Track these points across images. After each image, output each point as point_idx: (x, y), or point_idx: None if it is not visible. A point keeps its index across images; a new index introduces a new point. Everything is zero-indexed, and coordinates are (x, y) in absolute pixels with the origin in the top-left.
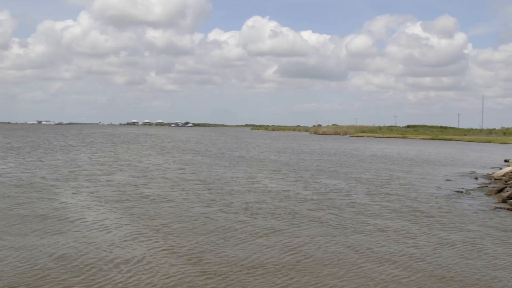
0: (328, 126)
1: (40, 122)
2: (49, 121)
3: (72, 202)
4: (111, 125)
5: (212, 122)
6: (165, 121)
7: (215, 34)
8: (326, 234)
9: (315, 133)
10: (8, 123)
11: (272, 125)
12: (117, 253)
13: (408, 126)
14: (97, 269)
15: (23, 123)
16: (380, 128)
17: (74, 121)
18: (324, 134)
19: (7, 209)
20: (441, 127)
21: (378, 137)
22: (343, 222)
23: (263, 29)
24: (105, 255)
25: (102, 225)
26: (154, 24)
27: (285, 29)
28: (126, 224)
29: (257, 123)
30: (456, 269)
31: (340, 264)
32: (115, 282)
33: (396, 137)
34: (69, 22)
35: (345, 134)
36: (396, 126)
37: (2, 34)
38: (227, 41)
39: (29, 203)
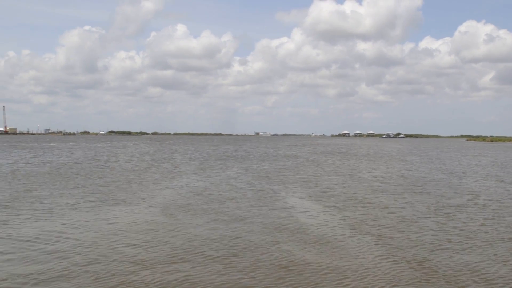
0: None
1: (257, 133)
2: (265, 132)
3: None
4: (323, 136)
5: (425, 133)
6: (376, 132)
7: (426, 42)
8: None
9: None
10: (230, 134)
11: (491, 136)
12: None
13: None
14: (336, 273)
15: (242, 135)
16: None
17: (288, 133)
18: None
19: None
20: None
21: None
22: None
23: (478, 33)
24: (336, 263)
25: (327, 231)
26: (364, 36)
27: (502, 32)
28: (351, 232)
29: (473, 134)
30: None
31: None
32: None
33: None
34: (284, 39)
35: None
36: None
37: (226, 54)
38: (438, 48)
39: (258, 207)
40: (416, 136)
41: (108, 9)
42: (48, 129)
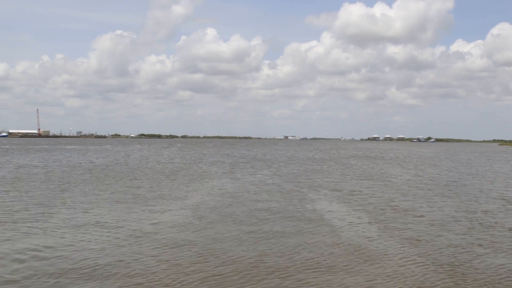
0: None
1: (286, 137)
2: (294, 136)
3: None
4: (352, 140)
5: (456, 137)
6: (406, 136)
7: (458, 46)
8: None
9: None
10: (259, 138)
11: None
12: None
13: None
14: (363, 275)
15: (271, 138)
16: None
17: (317, 136)
18: None
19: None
20: None
21: None
22: None
23: (510, 36)
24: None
25: (358, 235)
26: (394, 40)
27: None
28: (381, 233)
29: (506, 138)
30: None
31: None
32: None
33: None
34: (313, 42)
35: None
36: None
37: (255, 58)
38: (470, 51)
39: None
40: (447, 140)
41: (140, 13)
42: (80, 132)
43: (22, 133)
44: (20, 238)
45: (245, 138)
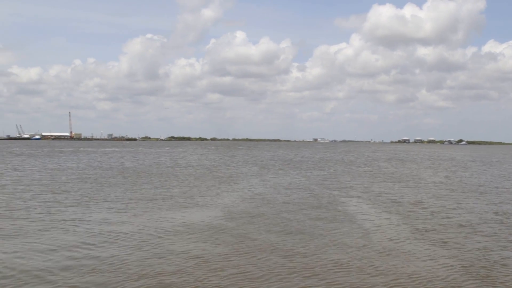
0: None
1: (315, 139)
2: (323, 138)
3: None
4: (382, 142)
5: (488, 140)
6: (437, 139)
7: (490, 46)
8: None
9: None
10: (288, 140)
11: None
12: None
13: None
14: (385, 275)
15: (300, 141)
16: None
17: (346, 139)
18: None
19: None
20: None
21: None
22: None
23: None
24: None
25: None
26: (424, 41)
27: None
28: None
29: None
30: None
31: None
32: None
33: None
34: (342, 45)
35: None
36: None
37: (284, 60)
38: (503, 52)
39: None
40: (479, 143)
41: (170, 17)
42: (111, 135)
43: (55, 136)
44: (57, 235)
45: (274, 140)
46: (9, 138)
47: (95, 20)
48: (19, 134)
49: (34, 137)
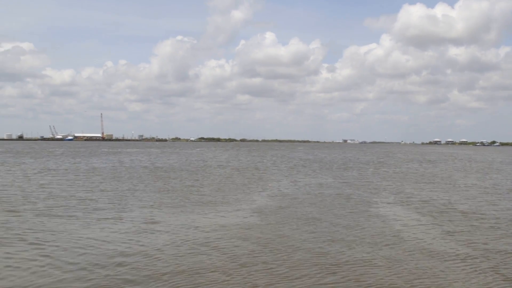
0: None
1: (345, 141)
2: (353, 140)
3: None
4: (413, 144)
5: None
6: (469, 140)
7: None
8: None
9: None
10: (317, 142)
11: None
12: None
13: None
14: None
15: (330, 142)
16: None
17: (376, 140)
18: None
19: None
20: None
21: None
22: None
23: None
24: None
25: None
26: (456, 41)
27: None
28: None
29: None
30: None
31: None
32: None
33: None
34: (372, 45)
35: None
36: None
37: (314, 61)
38: None
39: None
40: None
41: (200, 19)
42: (142, 135)
43: (87, 137)
44: (95, 233)
45: (304, 141)
46: (43, 139)
47: (127, 23)
48: (52, 135)
49: (67, 138)
